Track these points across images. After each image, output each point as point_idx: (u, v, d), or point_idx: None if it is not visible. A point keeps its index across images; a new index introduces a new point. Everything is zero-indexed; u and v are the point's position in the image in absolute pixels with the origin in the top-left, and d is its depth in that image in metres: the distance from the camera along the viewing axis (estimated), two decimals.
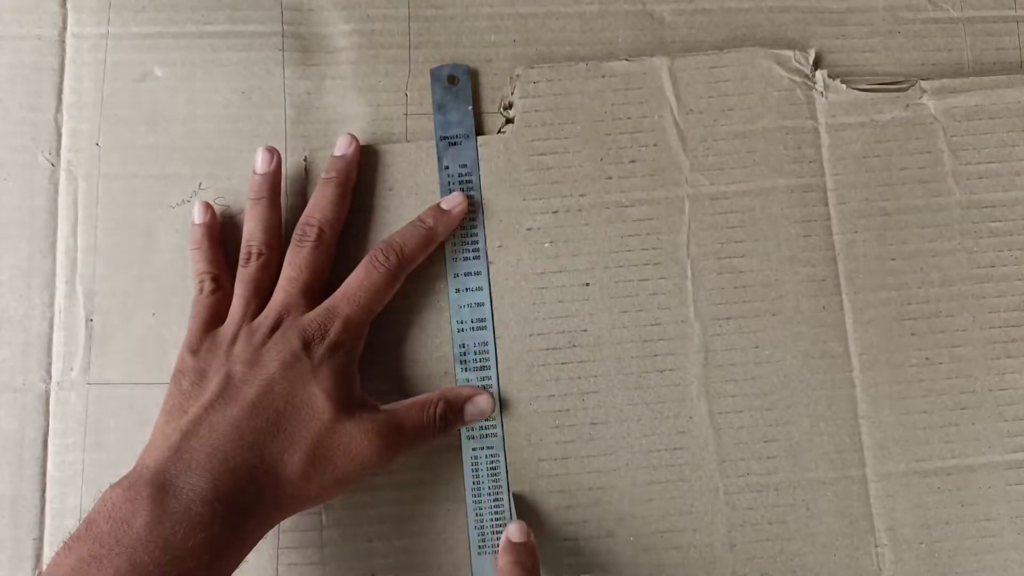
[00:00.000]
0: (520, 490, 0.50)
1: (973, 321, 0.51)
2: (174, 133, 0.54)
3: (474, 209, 0.52)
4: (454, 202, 0.51)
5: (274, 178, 0.51)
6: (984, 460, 0.50)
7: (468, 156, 0.52)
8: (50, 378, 0.52)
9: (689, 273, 0.52)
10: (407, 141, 0.53)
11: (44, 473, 0.51)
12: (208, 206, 0.51)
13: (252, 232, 0.50)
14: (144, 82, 0.54)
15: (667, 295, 0.51)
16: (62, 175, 0.53)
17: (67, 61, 0.54)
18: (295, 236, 0.50)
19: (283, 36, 0.54)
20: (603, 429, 0.50)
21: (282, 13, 0.55)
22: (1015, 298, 0.52)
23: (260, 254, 0.50)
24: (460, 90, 0.53)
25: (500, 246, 0.52)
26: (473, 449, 0.50)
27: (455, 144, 0.53)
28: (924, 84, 0.53)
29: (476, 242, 0.52)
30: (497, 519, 0.49)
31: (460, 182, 0.52)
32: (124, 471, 0.47)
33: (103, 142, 0.54)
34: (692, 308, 0.51)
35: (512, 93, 0.53)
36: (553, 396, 0.51)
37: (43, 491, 0.51)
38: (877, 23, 0.55)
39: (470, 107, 0.53)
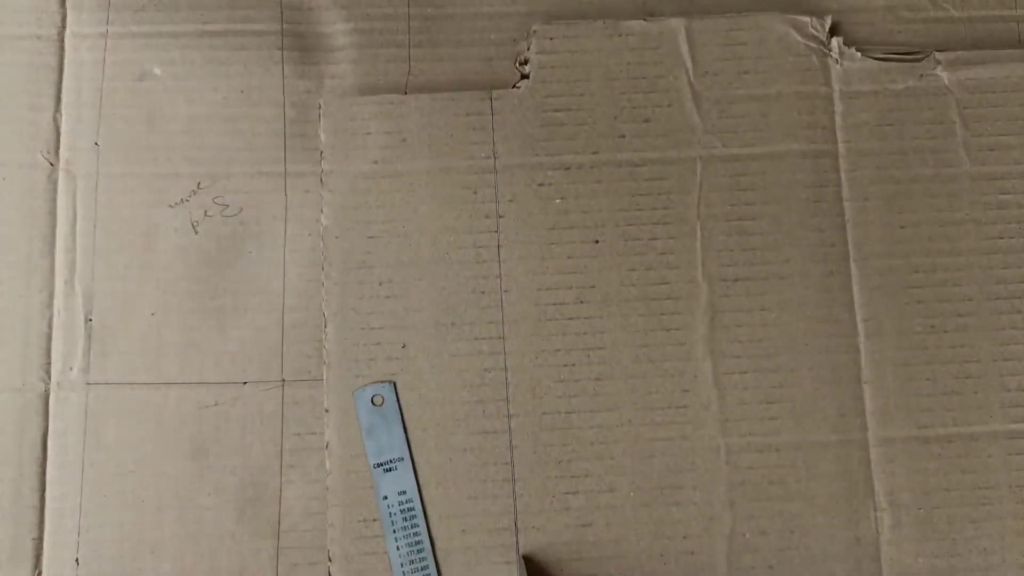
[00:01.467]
0: (523, 443, 0.50)
1: (979, 291, 0.52)
2: (173, 132, 0.54)
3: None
4: None
5: None
6: (985, 429, 0.51)
7: (407, 482, 0.51)
8: (49, 378, 0.52)
9: (699, 234, 0.52)
10: None
11: (44, 473, 0.51)
12: None
13: None
14: (143, 81, 0.54)
15: (676, 255, 0.52)
16: (61, 174, 0.53)
17: (66, 60, 0.54)
18: None
19: (282, 35, 0.54)
20: (608, 385, 0.51)
21: (281, 12, 0.54)
22: (1022, 270, 0.52)
23: None
24: (387, 410, 0.51)
25: (511, 200, 0.52)
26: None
27: (391, 470, 0.51)
28: (939, 55, 0.53)
29: None
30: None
31: (401, 512, 0.50)
32: (123, 471, 0.49)
33: (102, 141, 0.54)
34: (700, 269, 0.52)
35: (528, 49, 0.53)
36: (559, 351, 0.51)
37: (43, 491, 0.51)
38: (878, 23, 0.55)
39: (401, 428, 0.51)
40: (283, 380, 0.52)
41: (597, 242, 0.52)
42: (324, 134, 0.52)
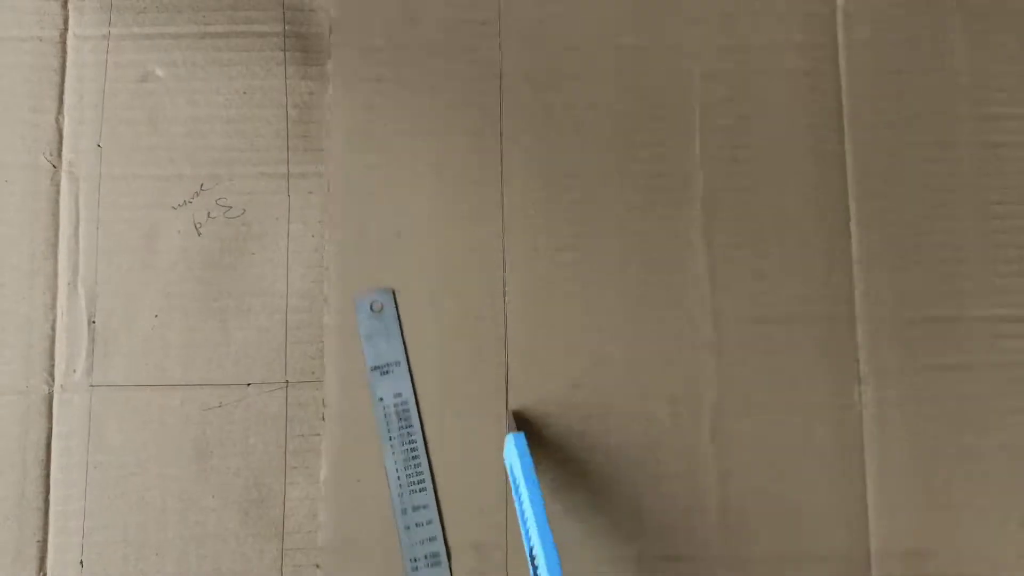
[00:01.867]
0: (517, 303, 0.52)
1: (973, 183, 0.53)
2: (175, 134, 0.54)
3: None
4: None
5: None
6: (973, 314, 0.52)
7: (403, 384, 0.52)
8: (53, 380, 0.52)
9: (697, 120, 0.54)
10: None
11: (47, 475, 0.51)
12: None
13: None
14: (145, 83, 0.55)
15: (672, 140, 0.53)
16: (63, 176, 0.54)
17: (68, 62, 0.55)
18: None
19: (284, 36, 0.55)
20: (602, 254, 0.53)
21: (283, 13, 0.55)
22: (1020, 179, 0.54)
23: None
24: (386, 317, 0.52)
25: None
26: None
27: (387, 373, 0.52)
28: None
29: None
30: None
31: (397, 413, 0.52)
32: (127, 473, 0.50)
33: (104, 143, 0.54)
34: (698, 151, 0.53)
35: None
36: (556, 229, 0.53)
37: (47, 493, 0.51)
38: None
39: (399, 332, 0.52)
40: (287, 381, 0.52)
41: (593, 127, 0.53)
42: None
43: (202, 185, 0.54)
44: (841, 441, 0.51)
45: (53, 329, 0.53)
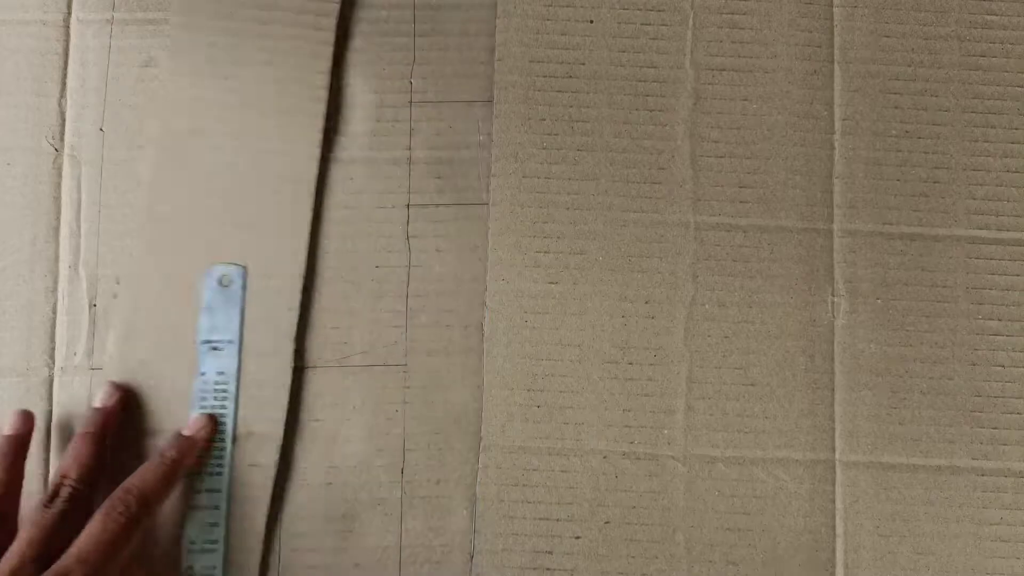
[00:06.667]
0: (502, 200, 0.52)
1: (956, 104, 0.53)
2: None
3: None
4: (198, 426, 0.49)
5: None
6: (948, 232, 0.52)
7: (229, 364, 0.51)
8: (54, 363, 0.52)
9: (691, 23, 0.54)
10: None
11: (47, 457, 0.52)
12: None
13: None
14: (148, 68, 0.54)
15: (667, 41, 0.53)
16: (65, 160, 0.53)
17: (71, 46, 0.54)
18: (48, 494, 0.45)
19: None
20: (587, 156, 0.53)
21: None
22: (999, 88, 0.53)
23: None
24: (231, 292, 0.51)
25: None
26: None
27: (217, 349, 0.51)
28: None
29: None
30: None
31: (215, 391, 0.51)
32: (124, 455, 0.50)
33: (107, 127, 0.54)
34: (689, 57, 0.53)
35: None
36: (544, 120, 0.53)
37: (46, 474, 0.52)
38: None
39: (239, 311, 0.51)
40: None
41: (591, 22, 0.54)
42: None
43: None
44: (811, 351, 0.52)
45: (54, 312, 0.53)
